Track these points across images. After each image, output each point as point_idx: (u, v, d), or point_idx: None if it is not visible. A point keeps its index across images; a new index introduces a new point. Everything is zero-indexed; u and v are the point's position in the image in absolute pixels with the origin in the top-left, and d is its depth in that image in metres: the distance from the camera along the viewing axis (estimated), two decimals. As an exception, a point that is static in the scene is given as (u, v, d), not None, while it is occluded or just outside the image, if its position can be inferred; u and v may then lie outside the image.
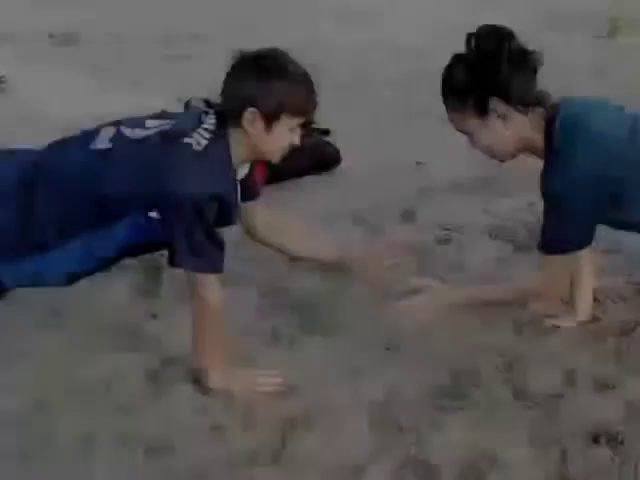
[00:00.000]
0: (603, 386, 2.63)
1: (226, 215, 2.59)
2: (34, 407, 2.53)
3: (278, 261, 3.62)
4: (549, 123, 2.62)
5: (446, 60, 2.78)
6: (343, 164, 4.81)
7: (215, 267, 2.57)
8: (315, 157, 4.70)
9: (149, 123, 2.68)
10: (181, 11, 10.44)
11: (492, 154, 2.76)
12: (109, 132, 2.67)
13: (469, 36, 2.60)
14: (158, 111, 4.74)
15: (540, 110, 2.63)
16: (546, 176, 2.62)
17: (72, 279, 2.71)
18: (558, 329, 2.96)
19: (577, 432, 2.44)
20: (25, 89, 6.57)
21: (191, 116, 2.71)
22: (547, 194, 2.63)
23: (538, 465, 2.31)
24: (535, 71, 2.60)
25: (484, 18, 8.55)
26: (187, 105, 4.81)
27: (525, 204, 4.23)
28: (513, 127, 2.61)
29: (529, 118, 2.61)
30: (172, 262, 2.62)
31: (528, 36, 2.77)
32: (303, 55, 2.80)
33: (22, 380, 2.69)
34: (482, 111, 2.58)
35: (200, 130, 2.57)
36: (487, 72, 2.53)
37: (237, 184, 2.70)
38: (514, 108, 2.57)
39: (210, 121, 2.62)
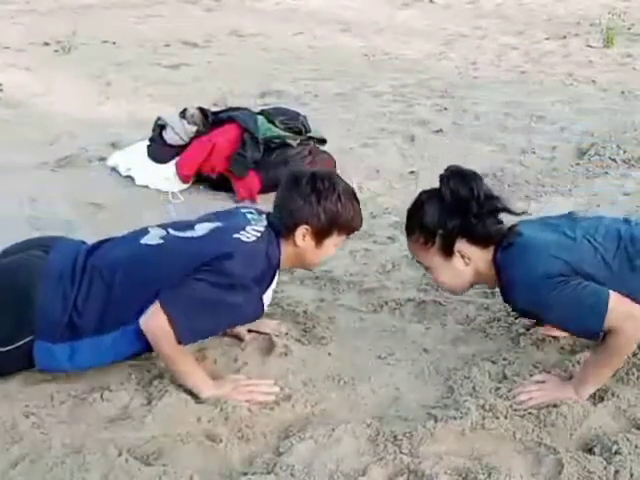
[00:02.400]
0: (598, 396, 2.62)
1: (246, 308, 2.64)
2: (25, 417, 2.52)
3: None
4: (499, 252, 2.68)
5: (441, 72, 2.79)
6: (338, 173, 4.80)
7: (181, 328, 2.53)
8: (311, 165, 4.71)
9: (198, 227, 2.76)
10: (174, 20, 10.46)
11: (449, 288, 2.85)
12: (159, 232, 2.76)
13: (442, 178, 2.66)
14: (154, 118, 4.81)
15: (493, 245, 2.69)
16: (517, 285, 2.62)
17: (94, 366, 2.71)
18: (553, 339, 2.96)
19: (572, 442, 2.44)
20: (22, 97, 6.57)
21: (238, 217, 2.80)
22: (532, 292, 2.58)
23: (533, 475, 2.31)
24: (498, 213, 2.67)
25: (481, 29, 8.57)
26: (183, 113, 4.82)
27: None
28: (473, 264, 2.70)
29: (485, 253, 2.69)
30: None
31: (526, 47, 2.77)
32: (301, 65, 2.80)
33: (13, 390, 2.67)
34: (447, 251, 2.67)
35: (250, 228, 2.69)
36: (458, 217, 2.61)
37: (272, 286, 2.77)
38: (476, 248, 2.66)
39: (261, 223, 2.74)
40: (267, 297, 2.73)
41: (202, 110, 4.87)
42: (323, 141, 4.93)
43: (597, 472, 2.28)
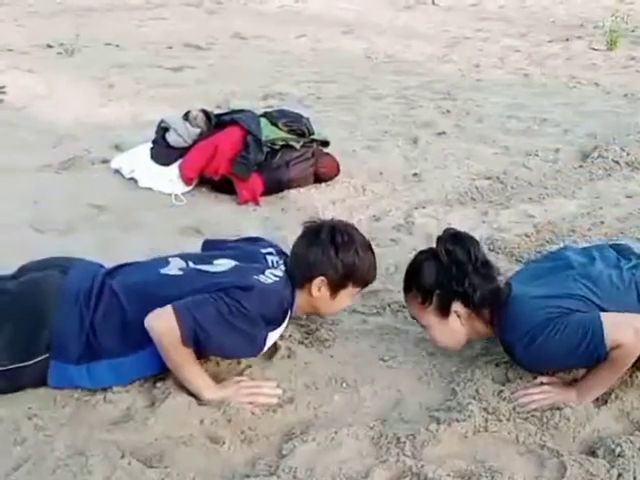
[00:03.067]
0: (601, 399, 2.62)
1: (247, 340, 2.63)
2: (28, 419, 2.52)
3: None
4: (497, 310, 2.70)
5: (443, 74, 2.79)
6: (341, 175, 4.81)
7: (189, 338, 2.54)
8: (314, 168, 4.71)
9: (217, 262, 2.78)
10: (177, 23, 10.47)
11: (445, 347, 2.85)
12: (178, 263, 2.79)
13: (440, 239, 2.70)
14: (157, 120, 4.81)
15: (490, 305, 2.71)
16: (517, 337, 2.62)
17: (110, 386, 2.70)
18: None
19: (575, 445, 2.44)
20: (25, 99, 6.58)
21: (258, 258, 2.83)
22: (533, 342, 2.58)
23: (535, 478, 2.31)
24: (492, 277, 2.69)
25: (483, 31, 8.56)
26: (186, 115, 4.82)
27: (524, 215, 4.25)
28: (468, 325, 2.73)
29: (482, 316, 2.72)
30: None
31: (529, 49, 2.77)
32: (303, 67, 2.80)
33: (16, 393, 2.67)
34: (444, 311, 2.70)
35: (269, 272, 2.71)
36: (455, 279, 2.64)
37: (281, 328, 2.77)
38: (472, 310, 2.69)
39: (280, 268, 2.77)
40: (272, 338, 2.74)
41: (205, 112, 4.87)
42: (326, 143, 4.93)
43: (600, 475, 2.27)
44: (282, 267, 2.79)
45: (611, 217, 4.26)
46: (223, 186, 4.61)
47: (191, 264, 2.78)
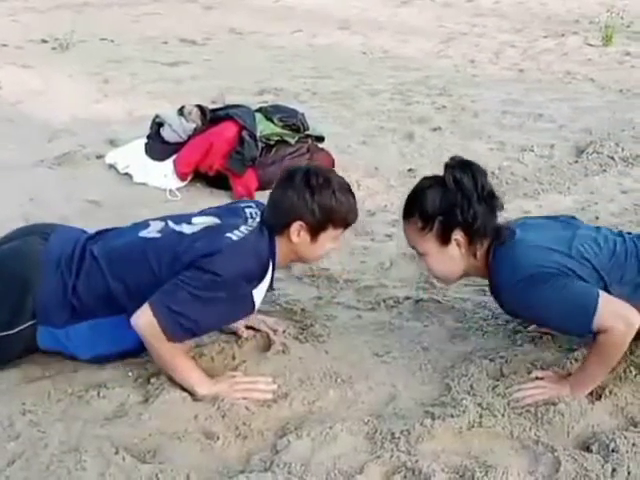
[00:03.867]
0: (595, 394, 2.62)
1: (233, 305, 2.62)
2: (22, 414, 2.51)
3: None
4: (494, 248, 2.68)
5: (439, 69, 2.79)
6: (337, 171, 4.79)
7: (173, 331, 2.54)
8: (309, 163, 4.70)
9: (195, 220, 2.78)
10: (172, 18, 10.46)
11: (440, 277, 2.83)
12: (157, 226, 2.78)
13: (447, 166, 2.65)
14: (152, 115, 4.80)
15: (489, 239, 2.68)
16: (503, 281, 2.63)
17: (98, 360, 2.72)
18: (550, 337, 2.95)
19: (569, 440, 2.44)
20: (20, 94, 6.57)
21: (237, 214, 2.80)
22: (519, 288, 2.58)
23: (530, 473, 2.30)
24: (496, 210, 2.67)
25: (479, 27, 8.56)
26: (181, 110, 4.81)
27: (519, 211, 4.25)
28: (466, 256, 2.69)
29: (481, 249, 2.69)
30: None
31: (525, 45, 2.77)
32: (298, 63, 2.80)
33: (10, 387, 2.67)
34: (444, 239, 2.66)
35: (243, 227, 2.68)
36: (459, 206, 2.60)
37: (265, 281, 2.72)
38: (472, 240, 2.66)
39: (255, 221, 2.73)
40: (259, 294, 2.70)
41: (200, 108, 4.86)
42: (321, 139, 4.93)
43: (594, 470, 2.28)
44: (258, 219, 2.74)
45: (606, 212, 4.26)
46: (218, 181, 4.61)
47: (171, 224, 2.76)
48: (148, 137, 4.86)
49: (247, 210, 2.81)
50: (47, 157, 4.98)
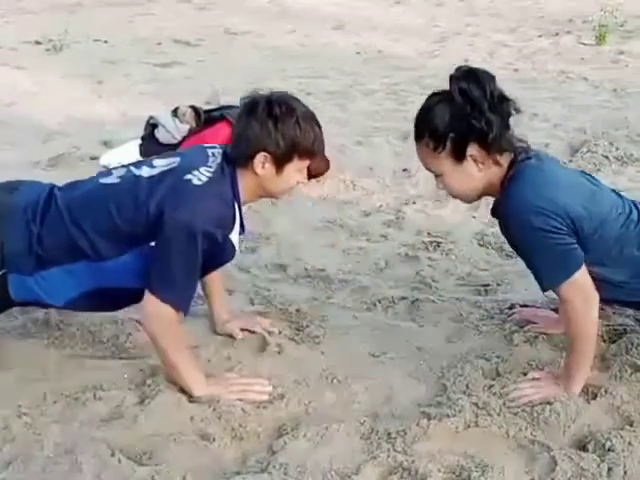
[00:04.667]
0: (591, 393, 2.62)
1: (216, 254, 2.61)
2: (17, 417, 2.51)
3: (266, 269, 3.63)
4: (515, 166, 2.58)
5: (433, 69, 2.78)
6: (331, 171, 4.80)
7: (178, 302, 2.57)
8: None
9: (157, 162, 2.73)
10: (166, 18, 10.45)
11: (459, 196, 2.74)
12: (119, 172, 2.75)
13: (452, 78, 2.53)
14: (146, 117, 4.79)
15: (509, 155, 2.58)
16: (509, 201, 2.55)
17: (72, 304, 2.71)
18: (546, 336, 2.96)
19: (565, 439, 2.44)
20: (13, 96, 6.55)
21: (199, 155, 2.74)
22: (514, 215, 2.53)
23: (526, 472, 2.31)
24: (510, 116, 2.54)
25: (473, 26, 8.54)
26: (175, 111, 4.80)
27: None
28: (484, 171, 2.57)
29: (499, 163, 2.57)
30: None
31: (519, 44, 2.77)
32: (292, 63, 2.79)
33: (5, 389, 2.67)
34: (459, 156, 2.53)
35: (203, 169, 2.62)
36: (470, 118, 2.46)
37: (237, 223, 2.70)
38: (489, 154, 2.54)
39: (216, 161, 2.67)
40: (235, 236, 2.68)
41: (194, 108, 4.85)
42: (316, 139, 4.91)
43: (590, 469, 2.28)
44: (219, 158, 2.67)
45: (601, 212, 4.26)
46: (213, 182, 4.60)
47: (132, 169, 2.73)
48: (142, 138, 4.85)
49: (209, 150, 2.73)
50: (41, 159, 4.97)
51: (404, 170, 4.91)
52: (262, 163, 2.61)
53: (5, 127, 5.73)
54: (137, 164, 2.79)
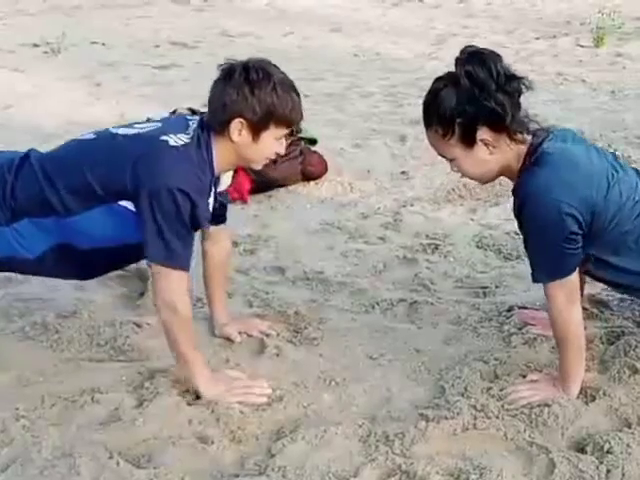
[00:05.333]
0: (589, 395, 2.62)
1: (193, 216, 2.58)
2: (15, 419, 2.51)
3: (264, 272, 3.63)
4: (534, 148, 2.54)
5: (431, 71, 2.77)
6: (329, 173, 4.81)
7: (177, 261, 2.56)
8: (302, 166, 4.71)
9: (137, 125, 2.73)
10: (164, 21, 10.45)
11: (474, 179, 2.72)
12: (98, 131, 2.75)
13: (457, 60, 2.48)
14: (144, 119, 4.78)
15: (525, 136, 2.54)
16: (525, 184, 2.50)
17: (43, 260, 2.67)
18: (545, 338, 2.96)
19: (563, 441, 2.44)
20: (11, 98, 6.55)
21: (178, 122, 2.72)
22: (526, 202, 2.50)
23: (524, 475, 2.30)
24: (520, 94, 2.49)
25: (471, 28, 8.55)
26: (173, 114, 4.80)
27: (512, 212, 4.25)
28: (498, 154, 2.53)
29: (513, 144, 2.52)
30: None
31: (516, 46, 2.77)
32: (290, 65, 2.80)
33: (3, 392, 2.67)
34: (469, 141, 2.48)
35: (180, 134, 2.60)
36: (478, 101, 2.40)
37: (212, 189, 2.70)
38: (501, 137, 2.49)
39: (193, 126, 2.64)
40: (209, 202, 2.70)
41: (192, 111, 4.85)
42: (314, 141, 4.93)
43: (589, 471, 2.27)
44: (196, 123, 2.65)
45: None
46: (211, 185, 4.60)
47: (111, 129, 2.73)
48: (140, 140, 4.85)
49: (189, 120, 2.71)
50: (39, 161, 4.96)
51: (402, 172, 4.91)
52: (238, 130, 2.57)
53: (3, 129, 5.72)
54: (117, 126, 2.78)
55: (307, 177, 4.75)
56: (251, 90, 2.54)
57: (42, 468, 2.29)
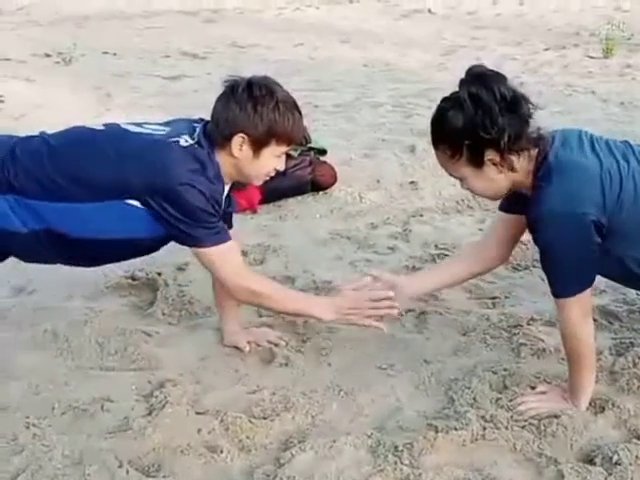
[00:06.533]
0: (598, 406, 2.62)
1: (214, 200, 2.61)
2: (26, 428, 2.52)
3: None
4: (541, 161, 2.53)
5: (440, 82, 2.78)
6: (338, 183, 4.82)
7: (220, 239, 2.64)
8: (312, 176, 4.72)
9: (146, 126, 2.75)
10: (174, 32, 10.50)
11: (486, 197, 2.73)
12: (109, 124, 2.81)
13: (462, 82, 2.51)
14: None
15: (533, 151, 2.53)
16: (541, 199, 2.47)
17: (40, 240, 2.65)
18: (554, 349, 2.95)
19: (572, 453, 2.44)
20: (23, 108, 6.59)
21: (185, 124, 2.75)
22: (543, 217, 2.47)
23: (533, 485, 2.31)
24: (529, 115, 2.50)
25: (480, 39, 8.55)
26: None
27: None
28: (507, 172, 2.52)
29: (522, 160, 2.51)
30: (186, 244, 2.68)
31: (525, 57, 2.77)
32: (300, 76, 2.81)
33: (14, 401, 2.68)
34: (477, 162, 2.48)
35: (186, 136, 2.64)
36: (483, 123, 2.40)
37: (223, 193, 2.72)
38: (510, 156, 2.48)
39: (197, 131, 2.68)
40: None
41: (201, 120, 4.87)
42: (323, 152, 4.94)
43: (598, 483, 2.28)
44: (201, 133, 2.67)
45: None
46: (220, 195, 4.61)
47: (120, 124, 2.77)
48: (150, 150, 4.87)
49: (194, 124, 2.74)
50: (50, 171, 4.99)
51: (411, 182, 4.92)
52: (239, 145, 2.61)
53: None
54: (128, 122, 2.80)
55: (317, 187, 4.76)
56: (254, 106, 2.57)
57: (52, 477, 2.30)
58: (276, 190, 4.58)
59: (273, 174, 2.75)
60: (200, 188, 2.55)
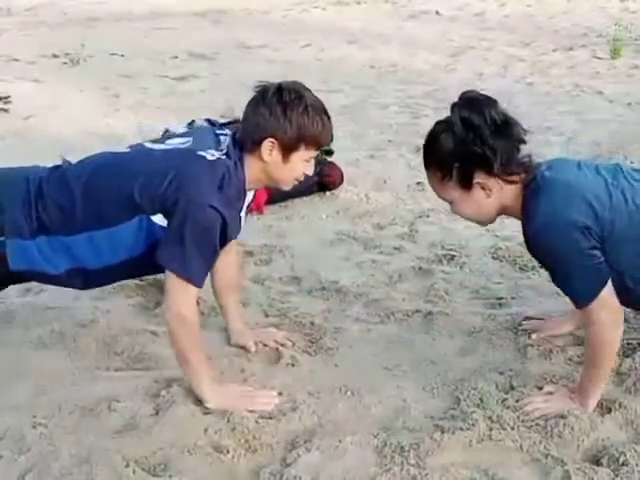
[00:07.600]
0: (605, 407, 2.62)
1: (223, 233, 2.60)
2: (33, 427, 2.53)
3: (280, 282, 3.64)
4: (528, 185, 2.56)
5: (447, 83, 2.78)
6: (345, 184, 4.82)
7: (191, 273, 2.56)
8: (319, 177, 4.72)
9: (169, 141, 2.76)
10: (182, 32, 10.51)
11: (473, 220, 2.77)
12: (132, 145, 2.80)
13: (453, 107, 2.56)
14: (161, 130, 4.81)
15: (522, 176, 2.57)
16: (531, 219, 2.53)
17: (71, 276, 2.69)
18: (560, 350, 2.95)
19: (579, 453, 2.43)
20: (31, 109, 6.61)
21: (210, 136, 2.75)
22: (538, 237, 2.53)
23: (540, 486, 2.31)
24: (520, 139, 2.54)
25: (487, 41, 8.55)
26: (191, 125, 4.82)
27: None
28: (495, 196, 2.57)
29: (511, 185, 2.56)
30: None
31: (533, 58, 2.77)
32: (307, 77, 2.81)
33: (21, 400, 2.69)
34: (466, 185, 2.53)
35: (213, 150, 2.64)
36: (473, 147, 2.46)
37: (243, 205, 2.73)
38: (497, 179, 2.53)
39: (225, 142, 2.68)
40: (243, 214, 2.73)
41: (210, 122, 4.87)
42: (330, 152, 4.94)
43: (605, 483, 2.27)
44: (229, 139, 2.68)
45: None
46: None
47: (144, 143, 2.78)
48: (158, 151, 4.88)
49: (220, 134, 2.75)
50: (58, 171, 5.00)
51: (418, 183, 4.92)
52: (269, 149, 2.61)
53: (22, 140, 5.78)
54: (152, 141, 2.81)
55: (323, 188, 4.77)
56: (283, 111, 2.58)
57: (59, 476, 2.31)
58: (283, 190, 4.58)
59: (302, 179, 2.76)
60: (217, 210, 2.52)
